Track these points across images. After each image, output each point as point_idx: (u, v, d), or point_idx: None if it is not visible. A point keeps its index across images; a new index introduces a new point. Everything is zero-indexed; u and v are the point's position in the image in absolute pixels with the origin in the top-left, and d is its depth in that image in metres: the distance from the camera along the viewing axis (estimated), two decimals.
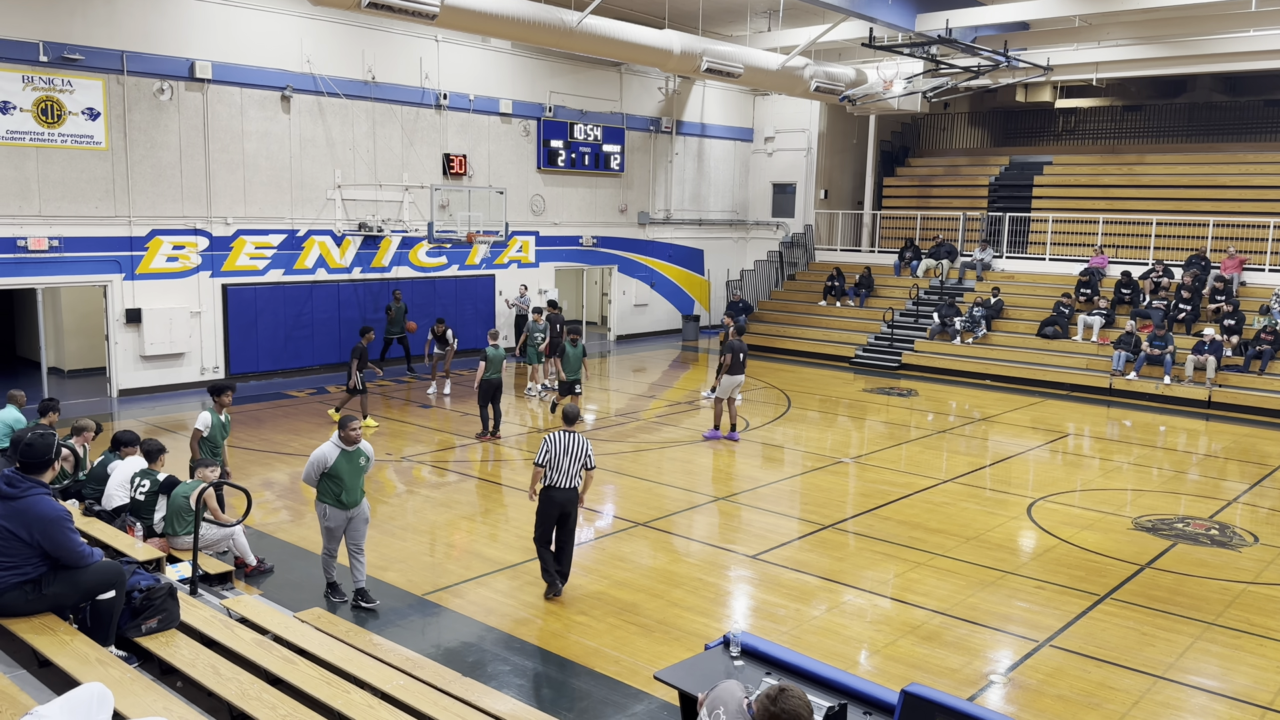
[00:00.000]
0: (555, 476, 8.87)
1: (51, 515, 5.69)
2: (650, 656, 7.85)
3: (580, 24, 17.90)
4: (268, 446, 14.48)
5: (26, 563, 5.68)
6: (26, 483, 5.74)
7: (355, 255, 20.76)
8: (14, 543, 5.61)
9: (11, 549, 5.62)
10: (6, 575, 5.66)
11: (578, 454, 8.90)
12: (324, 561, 8.95)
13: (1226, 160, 24.80)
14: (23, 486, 5.71)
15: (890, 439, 15.98)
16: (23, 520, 5.60)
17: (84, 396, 17.58)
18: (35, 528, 5.60)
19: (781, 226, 29.16)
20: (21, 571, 5.68)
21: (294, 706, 5.26)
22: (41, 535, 5.62)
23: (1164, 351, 19.62)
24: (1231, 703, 7.40)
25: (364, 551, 8.83)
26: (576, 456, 8.90)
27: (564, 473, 8.86)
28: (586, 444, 9.02)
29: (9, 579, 5.67)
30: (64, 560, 5.75)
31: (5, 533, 5.59)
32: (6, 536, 5.60)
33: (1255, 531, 11.49)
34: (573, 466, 8.89)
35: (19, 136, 16.03)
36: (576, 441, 8.94)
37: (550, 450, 8.86)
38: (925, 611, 8.91)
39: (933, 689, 4.94)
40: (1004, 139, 32.89)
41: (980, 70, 22.22)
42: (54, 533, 5.65)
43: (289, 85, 19.14)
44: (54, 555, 5.72)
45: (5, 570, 5.65)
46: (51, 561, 5.75)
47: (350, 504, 8.55)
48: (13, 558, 5.64)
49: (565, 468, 8.86)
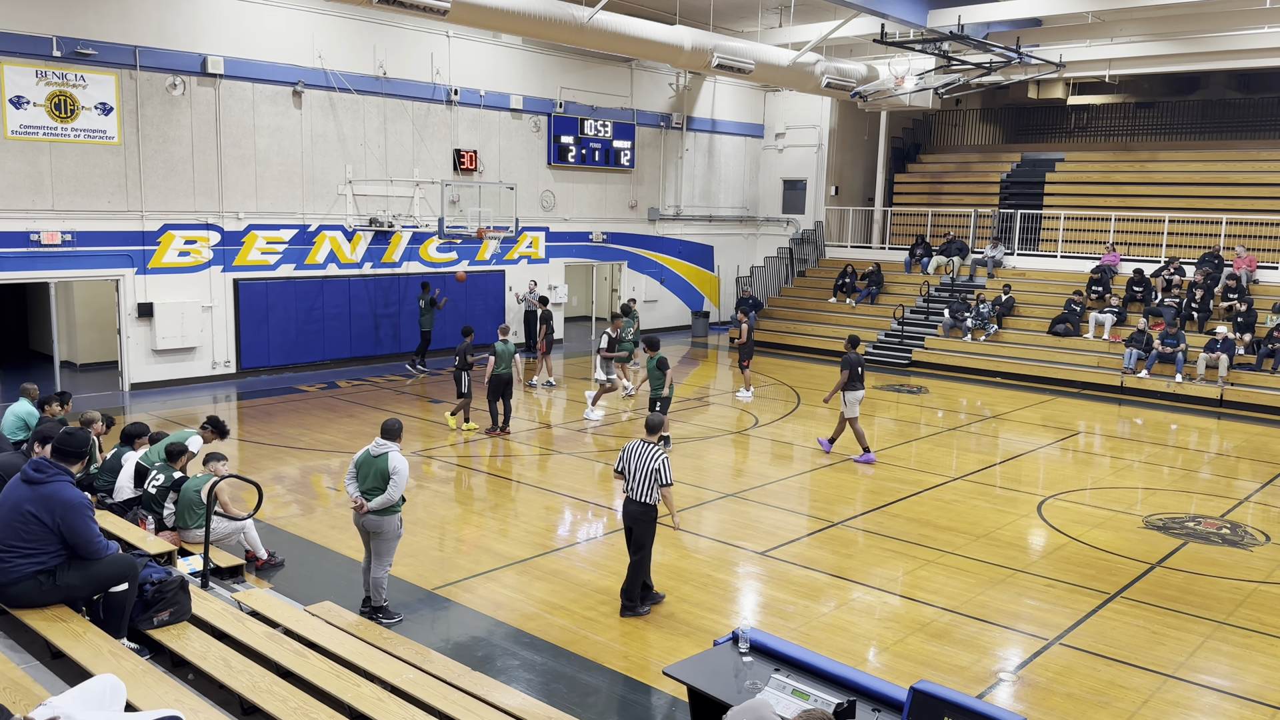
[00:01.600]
0: (629, 486, 8.51)
1: (74, 501, 5.81)
2: (659, 652, 7.87)
3: (591, 20, 17.89)
4: (279, 441, 14.53)
5: (44, 550, 5.74)
6: (54, 469, 5.85)
7: (366, 250, 20.81)
8: (35, 527, 5.68)
9: (32, 534, 5.69)
10: (23, 563, 5.71)
11: (645, 466, 8.41)
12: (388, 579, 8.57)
13: (1239, 157, 24.66)
14: (50, 473, 5.83)
15: (900, 436, 15.95)
16: (46, 505, 5.70)
17: (96, 390, 17.67)
18: (58, 513, 5.71)
19: (792, 223, 29.12)
20: (38, 560, 5.74)
21: (305, 699, 5.28)
22: (62, 521, 5.71)
23: (1176, 350, 19.53)
24: (1242, 702, 7.37)
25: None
26: (644, 468, 8.41)
27: (635, 484, 8.45)
28: (658, 456, 8.44)
29: (25, 567, 5.72)
30: (80, 549, 5.81)
31: (28, 516, 5.68)
32: (28, 520, 5.68)
33: (1267, 531, 11.44)
34: (643, 479, 8.40)
35: (32, 131, 16.10)
36: (648, 452, 8.48)
37: (623, 459, 8.54)
38: (934, 609, 8.90)
39: (942, 686, 4.93)
40: (1016, 135, 32.76)
41: (992, 67, 22.14)
42: (74, 519, 5.74)
43: (300, 80, 19.18)
44: (71, 543, 5.78)
45: (23, 557, 5.71)
46: (68, 552, 5.81)
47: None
48: (32, 544, 5.70)
49: (637, 479, 8.44)
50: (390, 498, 8.02)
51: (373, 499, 8.04)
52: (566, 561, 9.97)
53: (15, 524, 5.68)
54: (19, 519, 5.68)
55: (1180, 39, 21.83)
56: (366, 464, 8.15)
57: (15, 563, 5.70)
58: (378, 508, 8.04)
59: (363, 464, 8.19)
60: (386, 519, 8.15)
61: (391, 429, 8.21)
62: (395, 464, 8.04)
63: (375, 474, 8.08)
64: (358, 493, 8.14)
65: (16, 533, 5.69)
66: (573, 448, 14.68)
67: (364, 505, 8.07)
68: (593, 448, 14.70)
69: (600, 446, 14.75)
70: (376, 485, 8.07)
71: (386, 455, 8.10)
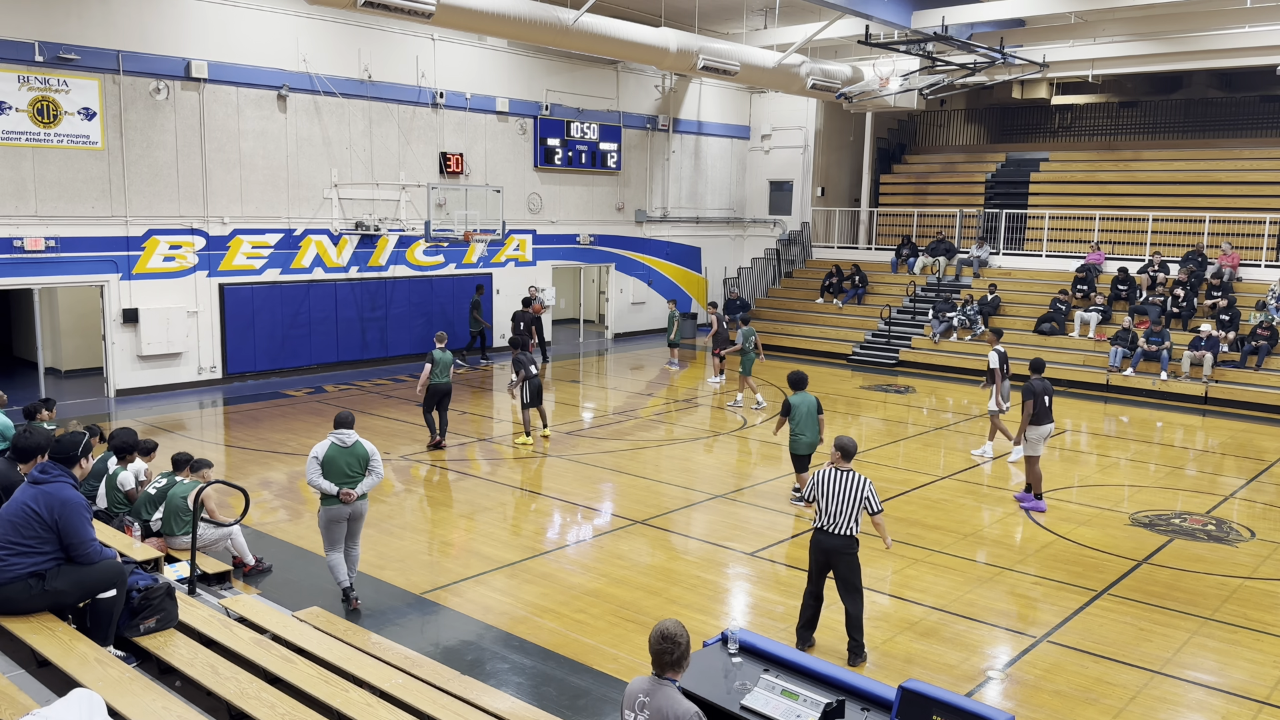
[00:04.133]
0: (823, 519, 7.71)
1: (73, 500, 5.89)
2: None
3: (576, 22, 17.89)
4: (265, 446, 14.48)
5: (39, 550, 5.75)
6: (57, 470, 6.00)
7: (352, 254, 20.75)
8: (33, 523, 5.73)
9: (30, 531, 5.72)
10: (18, 562, 5.72)
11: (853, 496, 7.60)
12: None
13: (1222, 156, 24.83)
14: (53, 473, 5.97)
15: (888, 436, 16.00)
16: (46, 501, 5.80)
17: (81, 396, 17.57)
18: (56, 510, 5.79)
19: (779, 224, 29.17)
20: (32, 561, 5.75)
21: (293, 705, 5.26)
22: (60, 518, 5.77)
23: (1161, 347, 19.65)
24: (1228, 697, 7.42)
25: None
26: (851, 499, 7.60)
27: (832, 516, 7.64)
28: (864, 484, 7.67)
29: (18, 567, 5.72)
30: (74, 550, 5.82)
31: (28, 512, 5.76)
32: (27, 515, 5.75)
33: (1252, 526, 11.52)
34: (848, 510, 7.59)
35: (15, 137, 16.01)
36: (854, 482, 7.65)
37: (815, 486, 7.76)
38: (923, 608, 8.92)
39: (930, 685, 4.95)
40: (1000, 135, 32.92)
41: (976, 67, 22.24)
42: (71, 516, 5.79)
43: (285, 84, 19.12)
44: (66, 543, 5.80)
45: (19, 556, 5.72)
46: (63, 555, 5.81)
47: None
48: (29, 541, 5.72)
49: (833, 511, 7.63)
50: (380, 475, 8.55)
51: (354, 485, 8.38)
52: (556, 564, 9.96)
53: (15, 520, 5.76)
54: (19, 515, 5.77)
55: (1162, 39, 21.97)
56: (339, 456, 8.37)
57: (10, 561, 5.72)
58: (369, 489, 8.50)
59: (334, 457, 8.35)
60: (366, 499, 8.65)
61: (346, 419, 8.58)
62: (369, 448, 8.51)
63: (356, 461, 8.42)
64: (333, 485, 8.32)
65: (16, 529, 5.73)
66: (565, 450, 14.67)
67: (351, 495, 8.35)
68: (581, 450, 14.69)
69: (595, 447, 14.74)
70: (358, 472, 8.43)
71: (358, 442, 8.49)
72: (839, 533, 7.61)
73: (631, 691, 4.55)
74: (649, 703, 4.43)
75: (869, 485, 7.63)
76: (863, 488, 7.59)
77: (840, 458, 7.81)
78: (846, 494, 7.58)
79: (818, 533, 7.73)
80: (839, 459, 7.81)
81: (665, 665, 4.47)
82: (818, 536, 7.73)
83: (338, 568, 8.61)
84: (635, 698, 4.50)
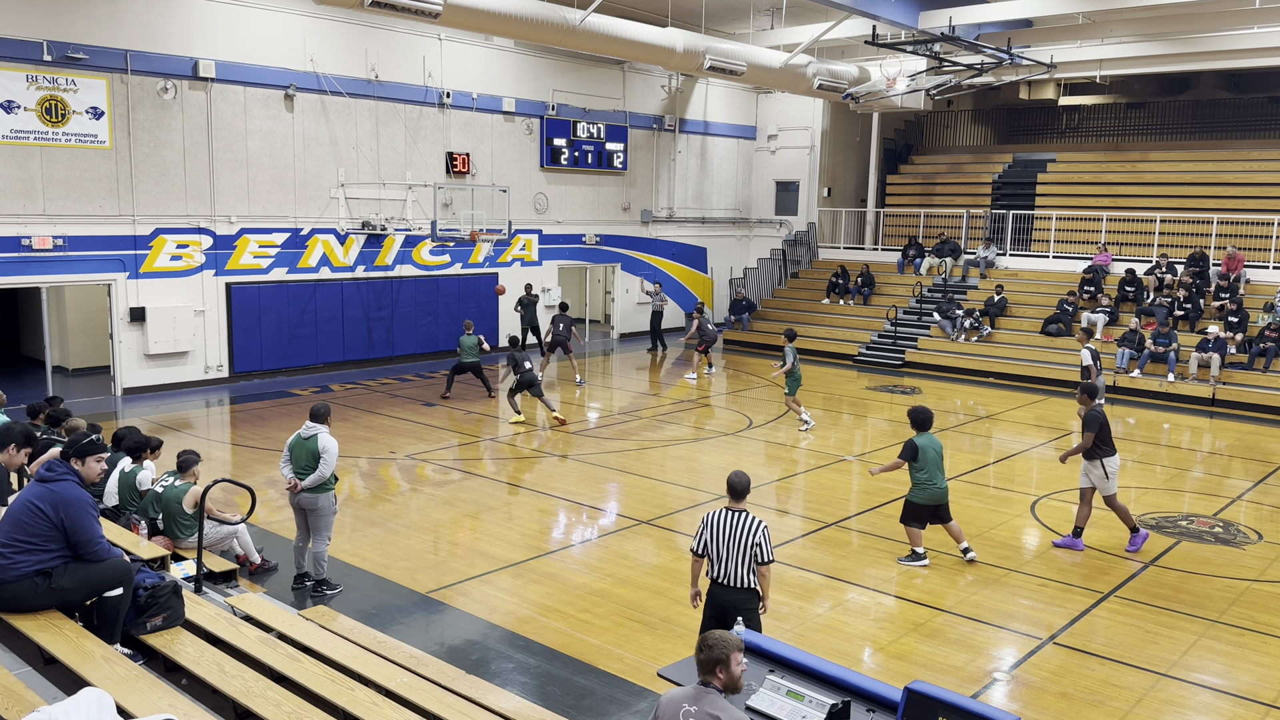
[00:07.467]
0: (715, 569, 6.79)
1: (78, 497, 5.89)
2: (654, 654, 7.87)
3: (583, 22, 17.90)
4: (272, 445, 14.50)
5: (45, 547, 5.75)
6: (64, 468, 6.00)
7: (359, 254, 20.78)
8: (40, 521, 5.73)
9: (36, 528, 5.73)
10: (25, 560, 5.72)
11: (742, 542, 6.65)
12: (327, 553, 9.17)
13: (1230, 157, 24.76)
14: (59, 471, 5.97)
15: (894, 437, 15.97)
16: (52, 500, 5.81)
17: (88, 395, 17.61)
18: (62, 508, 5.79)
19: (785, 224, 29.15)
20: (39, 557, 5.75)
21: (299, 704, 5.27)
22: (66, 515, 5.76)
23: (1168, 349, 19.60)
24: (1235, 700, 7.40)
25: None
26: (740, 546, 6.65)
27: (723, 566, 6.72)
28: (757, 528, 6.69)
29: (25, 565, 5.72)
30: (82, 548, 5.82)
31: (34, 509, 5.77)
32: (34, 513, 5.75)
33: (1259, 529, 11.48)
34: (740, 558, 6.66)
35: (23, 136, 16.06)
36: (745, 525, 6.69)
37: (704, 530, 6.83)
38: (929, 609, 8.91)
39: (936, 686, 4.93)
40: (1007, 136, 32.85)
41: (984, 67, 22.19)
42: (77, 513, 5.79)
43: (292, 84, 19.16)
44: (73, 541, 5.80)
45: (25, 553, 5.72)
46: (70, 553, 5.82)
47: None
48: (35, 539, 5.73)
49: (724, 558, 6.69)
50: (322, 475, 8.65)
51: (305, 478, 8.66)
52: (561, 564, 9.96)
53: (22, 518, 5.76)
54: (25, 513, 5.78)
55: (1170, 39, 21.91)
56: (298, 446, 8.83)
57: (16, 559, 5.72)
58: (310, 485, 8.68)
59: (295, 446, 8.82)
60: (321, 496, 8.77)
61: (319, 412, 8.92)
62: (324, 444, 8.69)
63: (306, 454, 8.71)
64: (291, 474, 8.78)
65: (22, 527, 5.73)
66: (570, 450, 14.67)
67: (298, 485, 8.69)
68: (586, 450, 14.69)
69: (601, 448, 14.74)
70: (309, 465, 8.69)
71: (316, 436, 8.72)
72: (735, 585, 6.68)
73: (670, 704, 4.53)
74: (695, 711, 4.44)
75: (762, 530, 6.63)
76: (754, 533, 6.61)
77: (730, 498, 6.86)
78: (737, 540, 6.63)
79: (713, 584, 6.80)
80: (730, 499, 6.86)
81: (702, 667, 4.53)
82: (713, 588, 6.81)
83: (295, 552, 9.13)
84: (679, 706, 4.48)
